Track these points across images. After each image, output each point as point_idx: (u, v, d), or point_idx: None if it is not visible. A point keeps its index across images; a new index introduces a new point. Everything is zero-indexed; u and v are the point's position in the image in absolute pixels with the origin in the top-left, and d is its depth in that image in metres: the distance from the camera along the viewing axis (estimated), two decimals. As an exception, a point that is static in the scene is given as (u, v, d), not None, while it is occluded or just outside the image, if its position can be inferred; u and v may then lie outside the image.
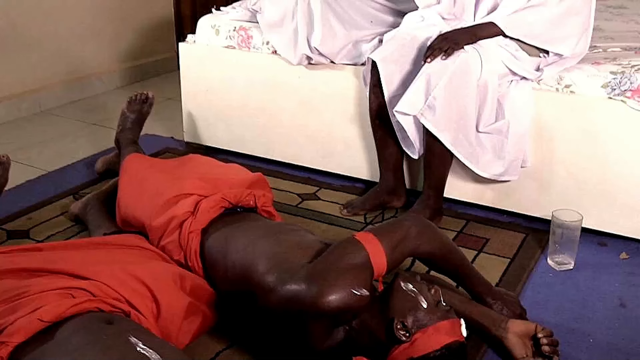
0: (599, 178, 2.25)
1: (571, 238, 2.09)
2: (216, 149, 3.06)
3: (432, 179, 2.33)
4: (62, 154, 3.07)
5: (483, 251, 2.25)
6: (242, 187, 2.05)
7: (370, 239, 1.57)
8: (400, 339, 1.46)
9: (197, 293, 1.78)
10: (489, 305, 1.79)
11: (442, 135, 2.19)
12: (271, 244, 1.69)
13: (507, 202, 2.44)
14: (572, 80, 2.24)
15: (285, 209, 2.51)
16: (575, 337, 1.81)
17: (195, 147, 3.10)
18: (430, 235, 1.66)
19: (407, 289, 1.52)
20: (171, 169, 2.19)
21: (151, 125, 3.16)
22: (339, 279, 1.47)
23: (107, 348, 1.31)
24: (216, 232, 1.86)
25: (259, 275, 1.58)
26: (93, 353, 1.29)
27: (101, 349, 1.31)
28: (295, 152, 2.85)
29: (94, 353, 1.29)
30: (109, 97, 3.94)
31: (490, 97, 2.22)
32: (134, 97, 2.61)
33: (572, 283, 2.07)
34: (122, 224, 2.15)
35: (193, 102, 3.04)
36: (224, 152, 3.04)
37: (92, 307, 1.50)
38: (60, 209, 2.52)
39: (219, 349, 1.76)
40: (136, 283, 1.64)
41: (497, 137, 2.27)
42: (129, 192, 2.13)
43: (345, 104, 2.65)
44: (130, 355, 1.29)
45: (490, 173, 2.31)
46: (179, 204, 1.96)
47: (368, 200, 2.51)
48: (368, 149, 2.64)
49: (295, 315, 1.49)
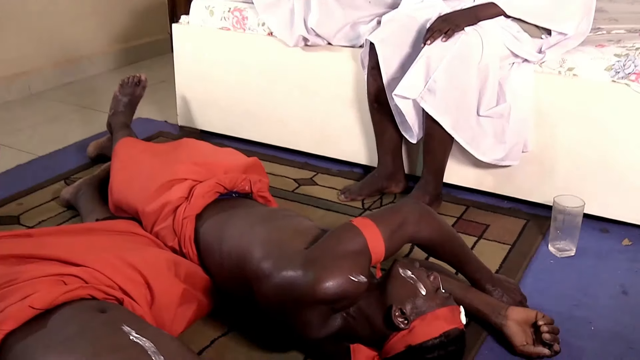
0: (602, 163, 2.25)
1: (573, 224, 2.09)
2: (211, 133, 3.05)
3: (431, 163, 2.33)
4: (53, 137, 3.07)
5: (483, 237, 2.25)
6: (237, 172, 2.04)
7: (367, 225, 1.57)
8: (399, 326, 1.46)
9: (191, 280, 1.78)
10: (489, 292, 1.79)
11: (442, 119, 2.18)
12: (267, 230, 1.69)
13: (508, 188, 2.45)
14: (574, 63, 2.24)
15: (281, 194, 2.51)
16: (576, 324, 1.82)
17: (190, 131, 3.10)
18: (429, 221, 1.67)
19: (405, 275, 1.53)
20: (164, 154, 2.19)
21: (144, 108, 3.15)
22: (336, 265, 1.47)
23: (99, 337, 1.31)
24: (211, 218, 1.86)
25: (255, 261, 1.59)
26: (85, 342, 1.29)
27: (93, 338, 1.31)
28: (292, 137, 2.84)
29: (86, 342, 1.30)
30: (100, 79, 3.93)
31: (491, 80, 2.21)
32: (127, 80, 2.61)
33: (573, 270, 2.07)
34: (114, 209, 2.15)
35: (187, 85, 3.03)
36: (219, 136, 3.03)
37: (85, 294, 1.50)
38: (51, 194, 2.52)
39: (214, 336, 1.77)
40: (129, 270, 1.64)
41: (498, 121, 2.27)
42: (122, 177, 2.13)
43: (342, 87, 2.64)
44: (123, 344, 1.29)
45: (491, 158, 2.31)
46: (172, 189, 1.96)
47: (366, 185, 2.52)
48: (366, 133, 2.64)
49: (291, 302, 1.49)
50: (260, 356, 1.69)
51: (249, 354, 1.70)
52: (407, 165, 2.58)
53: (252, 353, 1.70)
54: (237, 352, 1.71)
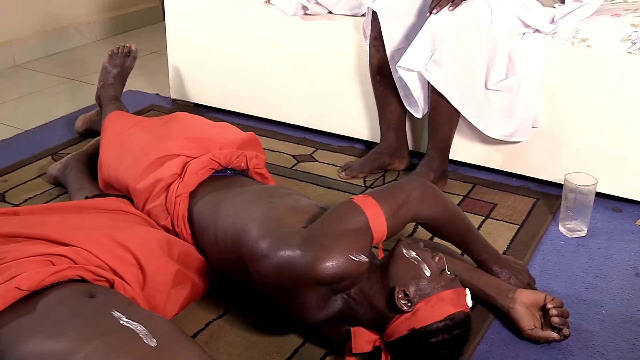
0: (616, 139, 2.25)
1: (584, 203, 2.09)
2: (205, 106, 3.05)
3: (436, 139, 2.33)
4: (39, 111, 3.06)
5: (490, 217, 2.26)
6: (232, 148, 2.04)
7: (369, 203, 1.57)
8: (402, 309, 1.47)
9: (185, 260, 1.78)
10: (496, 274, 1.80)
11: (449, 92, 2.18)
12: (264, 208, 1.69)
13: (517, 165, 2.44)
14: (588, 34, 2.22)
15: (279, 171, 2.51)
16: (586, 308, 1.83)
17: (183, 104, 3.09)
18: (434, 199, 1.67)
19: (409, 256, 1.53)
20: (156, 128, 2.18)
21: (135, 80, 3.14)
22: (336, 244, 1.47)
23: (88, 322, 1.31)
24: (205, 196, 1.86)
25: (251, 241, 1.59)
26: (73, 327, 1.30)
27: (82, 323, 1.31)
28: (290, 110, 2.83)
29: (75, 327, 1.30)
30: (88, 50, 3.91)
31: (500, 51, 2.20)
32: (116, 50, 2.60)
33: (584, 251, 2.08)
34: (104, 186, 2.15)
35: (180, 55, 3.01)
36: (214, 110, 3.02)
37: (74, 275, 1.51)
38: (37, 170, 2.51)
39: (209, 319, 1.77)
40: (120, 249, 1.64)
41: (507, 95, 2.26)
42: (112, 153, 2.12)
43: (343, 58, 2.62)
44: (113, 330, 1.30)
45: (499, 133, 2.30)
46: (165, 166, 1.95)
47: (368, 162, 2.51)
48: (368, 107, 2.63)
49: (289, 283, 1.50)
50: (257, 339, 1.70)
51: (246, 337, 1.71)
52: (411, 141, 2.57)
53: (249, 336, 1.71)
54: (233, 336, 1.71)
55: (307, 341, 1.69)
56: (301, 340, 1.70)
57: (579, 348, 1.68)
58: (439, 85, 2.17)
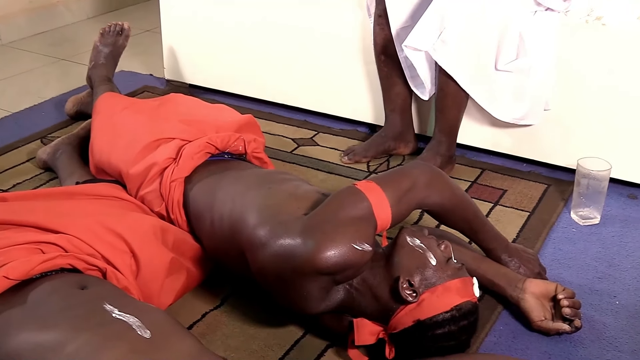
0: (631, 123, 2.25)
1: (598, 189, 2.09)
2: (201, 87, 3.04)
3: (444, 122, 2.32)
4: (28, 93, 3.06)
5: (499, 203, 2.26)
6: (230, 131, 2.04)
7: (373, 189, 1.57)
8: (406, 299, 1.47)
9: (180, 248, 1.79)
10: (505, 263, 1.80)
11: (457, 73, 2.17)
12: (263, 194, 1.69)
13: (527, 149, 2.44)
14: (603, 11, 2.21)
15: (278, 155, 2.51)
16: (599, 298, 1.83)
17: (178, 85, 3.09)
18: (441, 185, 1.67)
19: (414, 244, 1.53)
20: (150, 110, 2.18)
21: (127, 60, 3.13)
22: (338, 233, 1.47)
23: (79, 316, 1.32)
24: (201, 181, 1.86)
25: (249, 229, 1.59)
26: (64, 321, 1.30)
27: (73, 317, 1.31)
28: (290, 92, 2.83)
29: (66, 322, 1.30)
30: (79, 28, 3.90)
31: (511, 31, 2.19)
32: (108, 29, 2.60)
33: (597, 239, 2.08)
34: (96, 171, 2.15)
35: (175, 34, 3.00)
36: (210, 91, 3.02)
37: (64, 264, 1.51)
38: (26, 154, 2.51)
39: (206, 309, 1.78)
40: (113, 237, 1.65)
41: (517, 76, 2.25)
42: (103, 136, 2.12)
43: (346, 37, 2.62)
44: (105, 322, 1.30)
45: (510, 116, 2.30)
46: (159, 150, 1.96)
47: (372, 146, 2.51)
48: (372, 88, 2.62)
49: (289, 273, 1.50)
50: (255, 331, 1.71)
51: (244, 329, 1.71)
52: (417, 124, 2.57)
53: (247, 328, 1.72)
54: (231, 327, 1.72)
55: (308, 333, 1.70)
56: (301, 332, 1.70)
57: (591, 340, 1.68)
58: (447, 66, 2.16)
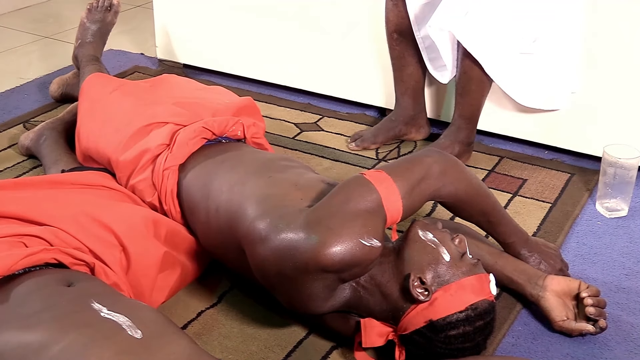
0: (662, 107, 2.24)
1: (625, 179, 2.09)
2: (196, 67, 3.04)
3: (465, 107, 2.32)
4: (9, 73, 3.06)
5: (519, 194, 2.26)
6: (227, 115, 2.04)
7: (382, 179, 1.57)
8: (418, 298, 1.47)
9: (174, 241, 1.79)
10: (524, 258, 1.80)
11: (482, 56, 2.17)
12: (263, 183, 1.69)
13: (550, 136, 2.44)
14: (634, -15, 2.21)
15: (280, 141, 2.51)
16: (626, 297, 1.83)
17: (171, 65, 3.09)
18: (457, 174, 1.66)
19: (425, 238, 1.53)
20: (141, 93, 2.18)
21: (117, 38, 3.13)
22: (345, 227, 1.47)
23: (65, 315, 1.32)
24: (197, 169, 1.86)
25: (248, 221, 1.59)
26: (49, 321, 1.30)
27: (58, 316, 1.32)
28: (293, 73, 2.83)
29: (51, 319, 1.31)
30: (64, 3, 3.89)
31: (536, 11, 2.18)
32: (95, 4, 2.59)
33: (624, 233, 2.08)
34: (83, 159, 2.15)
35: (168, 10, 3.00)
36: (206, 71, 3.02)
37: (49, 259, 1.51)
38: (8, 140, 2.52)
39: (201, 307, 1.78)
40: (101, 229, 1.65)
41: (542, 58, 2.25)
42: (91, 121, 2.12)
43: (355, 14, 2.61)
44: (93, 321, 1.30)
45: (533, 101, 2.30)
46: (151, 135, 1.96)
47: (381, 131, 2.51)
48: (382, 68, 2.62)
49: (291, 270, 1.50)
50: (254, 331, 1.71)
51: (242, 329, 1.72)
52: (429, 108, 2.56)
53: (246, 327, 1.72)
54: (228, 327, 1.72)
55: (311, 333, 1.70)
56: (304, 333, 1.71)
57: (617, 342, 1.68)
58: (473, 49, 2.16)
